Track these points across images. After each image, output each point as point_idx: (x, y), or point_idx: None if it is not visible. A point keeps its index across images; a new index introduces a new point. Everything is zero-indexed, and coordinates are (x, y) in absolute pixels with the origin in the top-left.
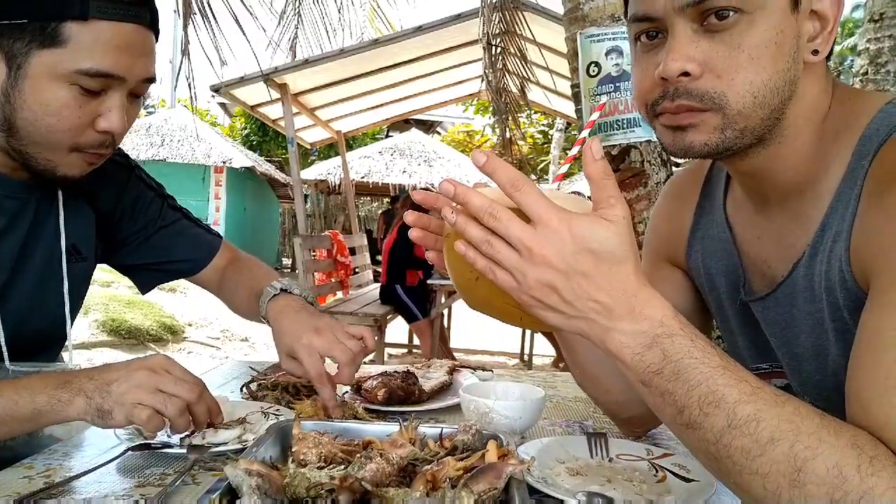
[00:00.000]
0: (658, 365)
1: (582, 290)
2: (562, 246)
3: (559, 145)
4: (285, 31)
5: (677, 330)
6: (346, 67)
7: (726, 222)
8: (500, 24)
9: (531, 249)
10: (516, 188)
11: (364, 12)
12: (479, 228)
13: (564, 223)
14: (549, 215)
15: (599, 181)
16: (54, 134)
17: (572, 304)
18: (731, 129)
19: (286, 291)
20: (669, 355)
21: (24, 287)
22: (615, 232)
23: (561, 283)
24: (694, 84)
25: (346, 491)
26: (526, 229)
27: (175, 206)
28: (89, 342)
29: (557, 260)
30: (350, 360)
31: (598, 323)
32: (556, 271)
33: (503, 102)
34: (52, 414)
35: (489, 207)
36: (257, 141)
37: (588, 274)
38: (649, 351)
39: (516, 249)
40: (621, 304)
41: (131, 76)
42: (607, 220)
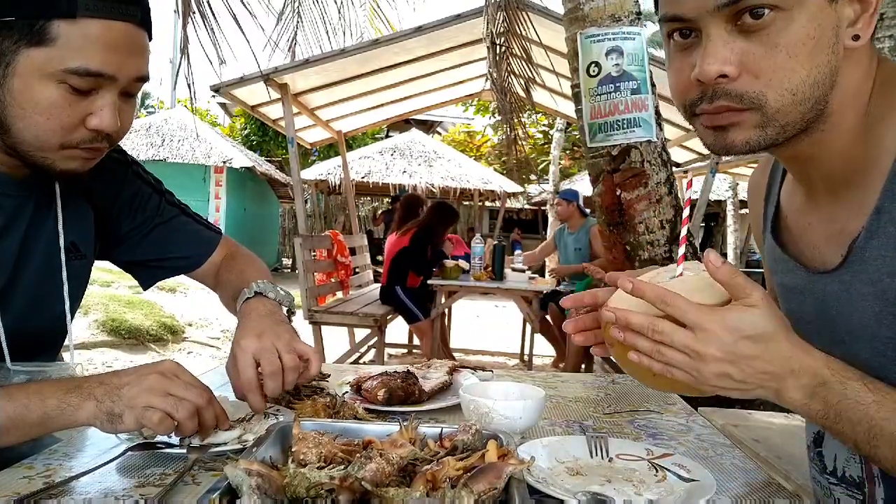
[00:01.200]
0: (824, 411)
1: (750, 370)
2: (723, 342)
3: (559, 145)
4: (284, 31)
5: (830, 378)
6: (346, 67)
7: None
8: (504, 23)
9: (699, 352)
10: (666, 304)
11: (364, 12)
12: (647, 340)
13: (718, 323)
14: (702, 319)
15: (731, 282)
16: (44, 132)
17: (745, 382)
18: (771, 126)
19: (260, 294)
20: (829, 401)
21: (24, 286)
22: (760, 315)
23: (732, 370)
24: (732, 85)
25: (346, 491)
26: (688, 336)
27: (174, 201)
28: (89, 342)
29: (723, 354)
30: (273, 371)
31: (770, 387)
32: (725, 363)
33: (507, 102)
34: (62, 418)
35: (650, 324)
36: (257, 141)
37: (752, 356)
38: (813, 401)
39: (685, 354)
40: (783, 368)
41: (122, 75)
42: (751, 305)
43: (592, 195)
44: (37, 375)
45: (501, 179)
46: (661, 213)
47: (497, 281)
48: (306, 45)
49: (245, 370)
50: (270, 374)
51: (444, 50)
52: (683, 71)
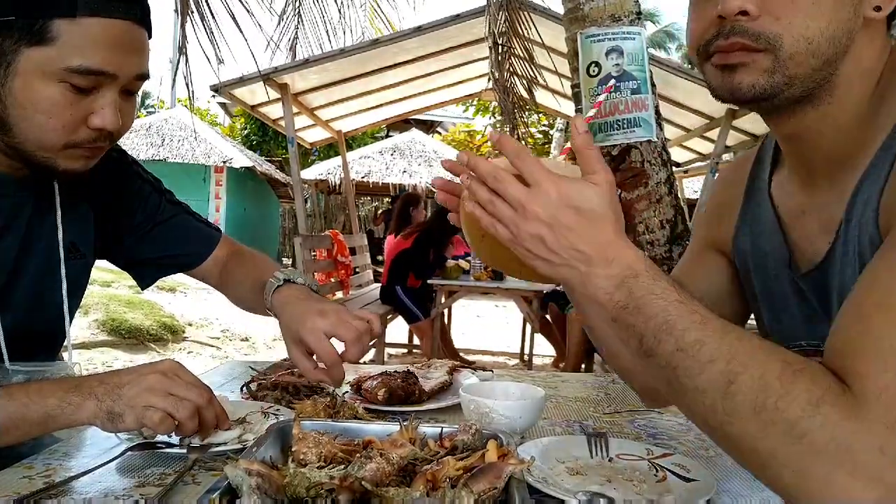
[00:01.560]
0: (624, 301)
1: (565, 241)
2: (549, 203)
3: (559, 145)
4: (285, 32)
5: (642, 271)
6: (346, 67)
7: (771, 202)
8: (506, 23)
9: (524, 206)
10: (518, 157)
11: (364, 12)
12: (486, 190)
13: (554, 184)
14: (541, 177)
15: (584, 151)
16: (46, 132)
17: (557, 253)
18: (780, 73)
19: (290, 281)
20: (633, 292)
21: (24, 286)
22: (597, 192)
23: (547, 235)
24: (751, 24)
25: (346, 491)
26: (521, 189)
27: (173, 200)
28: (89, 342)
29: (545, 214)
30: (355, 338)
31: (578, 269)
32: (543, 224)
33: (510, 102)
34: (63, 417)
35: (493, 171)
36: (257, 141)
37: (571, 227)
38: (618, 290)
39: (513, 207)
40: (598, 252)
41: (123, 73)
42: (592, 182)
43: None
44: (35, 375)
45: None
46: (661, 213)
47: (497, 281)
48: (306, 45)
49: (325, 347)
50: (353, 341)
51: (443, 50)
52: (705, 12)
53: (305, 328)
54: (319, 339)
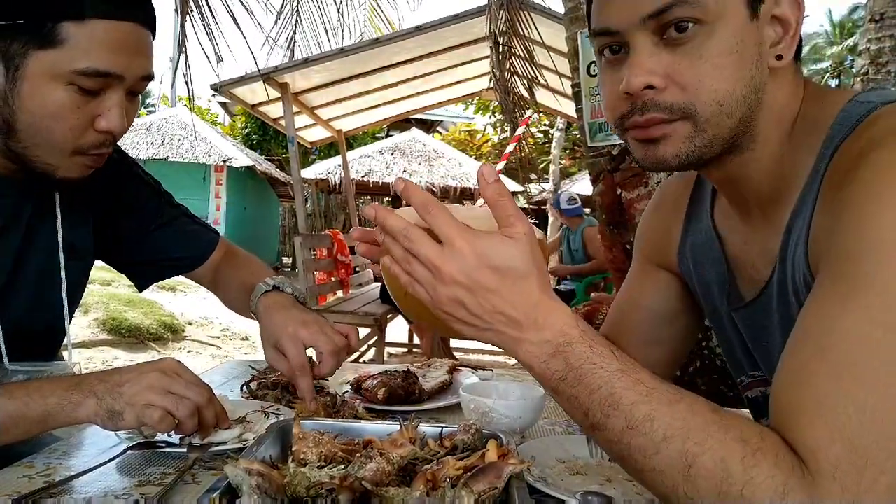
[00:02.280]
0: (562, 372)
1: (488, 304)
2: (465, 263)
3: (559, 145)
4: (283, 30)
5: (577, 338)
6: (346, 67)
7: (714, 230)
8: (506, 22)
9: (438, 268)
10: (427, 211)
11: (364, 11)
12: (400, 247)
13: (468, 242)
14: (453, 235)
15: (496, 203)
16: (54, 135)
17: (480, 318)
18: (700, 137)
19: (278, 289)
20: (571, 363)
21: (23, 287)
22: (516, 248)
23: (467, 299)
24: (661, 97)
25: (346, 490)
26: (434, 248)
27: (173, 203)
28: (89, 341)
29: (462, 277)
30: (333, 350)
31: (507, 334)
32: (461, 287)
33: (510, 102)
34: (63, 416)
35: (403, 229)
36: (258, 140)
37: (492, 289)
38: (553, 359)
39: (427, 268)
40: (526, 316)
41: (129, 75)
42: (509, 237)
43: (592, 195)
44: (35, 375)
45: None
46: None
47: None
48: (305, 44)
49: (299, 356)
50: (331, 353)
51: (443, 49)
52: (613, 86)
53: (286, 334)
54: (297, 347)
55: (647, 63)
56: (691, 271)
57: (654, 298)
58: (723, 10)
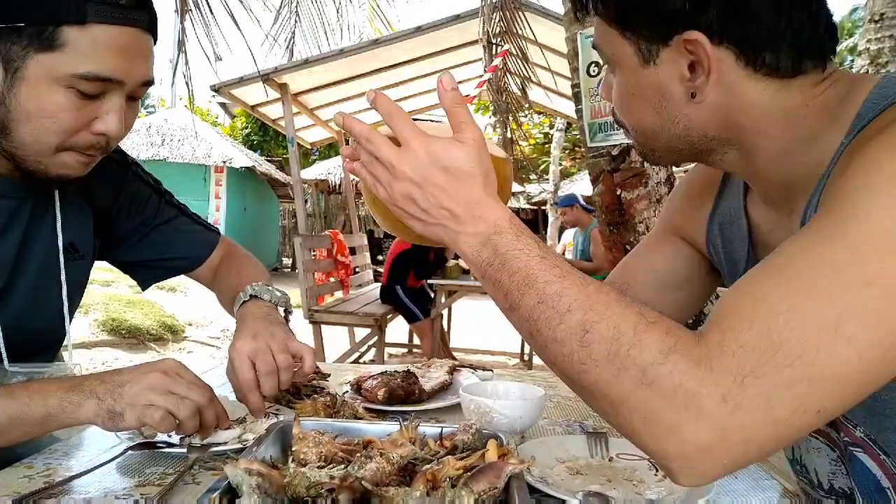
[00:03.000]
0: (490, 258)
1: (435, 200)
2: (418, 162)
3: (559, 145)
4: (282, 31)
5: (506, 228)
6: (346, 67)
7: (744, 210)
8: (501, 22)
9: (394, 166)
10: (390, 117)
11: (363, 12)
12: (366, 152)
13: (422, 144)
14: (410, 137)
15: (452, 108)
16: (46, 135)
17: (428, 212)
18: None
19: (256, 297)
20: (498, 249)
21: (23, 287)
22: (465, 151)
23: (417, 194)
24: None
25: (346, 490)
26: (392, 149)
27: (173, 202)
28: (89, 341)
29: (414, 174)
30: (269, 371)
31: (450, 228)
32: (412, 183)
33: (504, 102)
34: (63, 416)
35: (366, 133)
36: (258, 140)
37: (439, 186)
38: (484, 248)
39: (385, 167)
40: (467, 211)
41: (129, 80)
42: (459, 141)
43: (592, 195)
44: (35, 376)
45: None
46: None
47: None
48: (304, 44)
49: (242, 371)
50: (266, 374)
51: (443, 50)
52: None
53: (233, 348)
54: (242, 362)
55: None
56: (720, 249)
57: (664, 263)
58: (619, 58)
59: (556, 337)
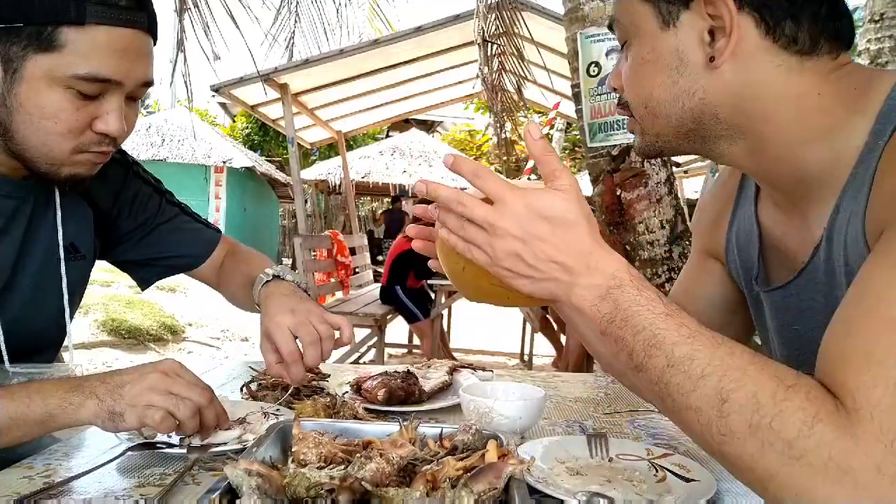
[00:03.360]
0: (611, 314)
1: (542, 254)
2: (518, 217)
3: (559, 145)
4: (282, 31)
5: (627, 281)
6: (345, 67)
7: (755, 216)
8: (497, 21)
9: (493, 224)
10: (477, 176)
11: (363, 12)
12: (455, 217)
13: (519, 197)
14: (504, 192)
15: (542, 157)
16: (52, 137)
17: (536, 268)
18: (648, 134)
19: (278, 278)
20: (619, 304)
21: (23, 287)
22: (563, 198)
23: (523, 251)
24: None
25: (346, 491)
26: (487, 208)
27: (173, 201)
28: (89, 342)
29: (516, 229)
30: (313, 341)
31: (561, 282)
32: (516, 239)
33: (499, 101)
34: (64, 417)
35: (455, 196)
36: (258, 141)
37: (545, 238)
38: (603, 302)
39: (483, 228)
40: (578, 262)
41: (129, 80)
42: (557, 189)
43: (592, 195)
44: (36, 377)
45: None
46: (661, 213)
47: None
48: (304, 45)
49: (287, 343)
50: (311, 343)
51: (443, 50)
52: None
53: (273, 322)
54: (284, 334)
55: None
56: (736, 258)
57: (711, 287)
58: (636, 27)
59: (691, 405)
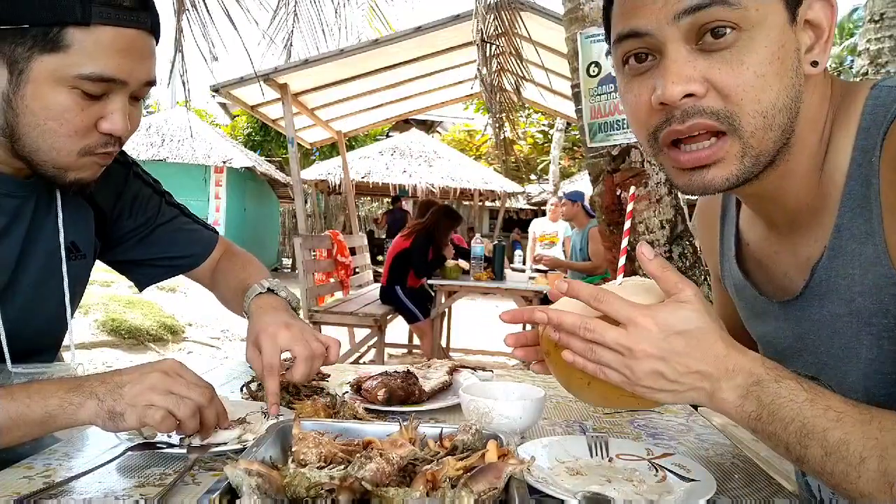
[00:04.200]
0: (757, 412)
1: (683, 367)
2: (654, 337)
3: (559, 145)
4: (280, 31)
5: (764, 375)
6: (345, 68)
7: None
8: (496, 21)
9: (630, 349)
10: (599, 301)
11: (362, 12)
12: (581, 340)
13: (650, 318)
14: (634, 315)
15: (662, 275)
16: (59, 139)
17: (678, 381)
18: (749, 155)
19: (272, 291)
20: (763, 401)
21: (25, 286)
22: (692, 309)
23: (664, 368)
24: (702, 103)
25: (346, 491)
26: (620, 333)
27: (173, 202)
28: (89, 342)
29: (655, 350)
30: (307, 356)
31: (704, 389)
32: (656, 359)
33: (497, 101)
34: (64, 417)
35: (583, 323)
36: (258, 141)
37: (682, 353)
38: (746, 401)
39: (618, 352)
40: (717, 367)
41: (133, 80)
42: (682, 301)
43: (592, 195)
44: (37, 377)
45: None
46: (661, 213)
47: (497, 281)
48: (303, 45)
49: (272, 355)
50: (305, 359)
51: (443, 50)
52: (642, 96)
53: (266, 332)
54: (273, 347)
55: (684, 69)
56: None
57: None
58: (763, 15)
59: (862, 491)
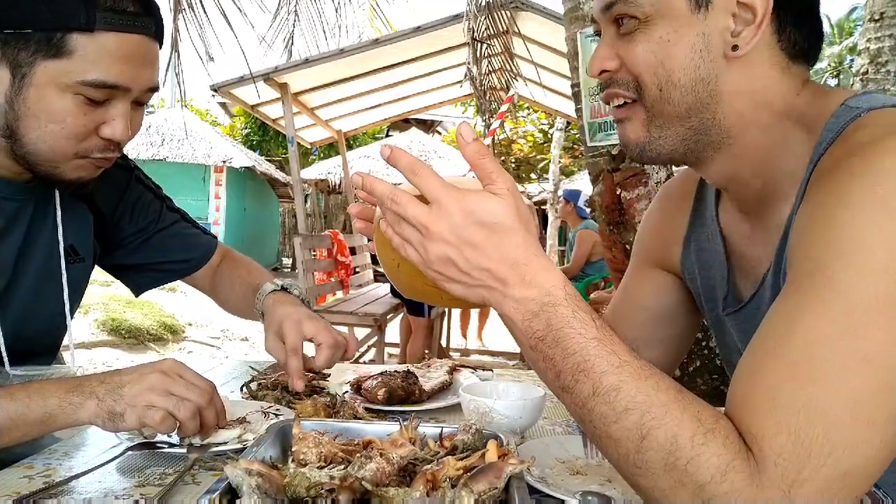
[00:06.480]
0: (542, 332)
1: (475, 261)
2: (452, 221)
3: (559, 144)
4: (281, 31)
5: (562, 300)
6: (345, 67)
7: (720, 232)
8: (487, 21)
9: (427, 227)
10: (414, 173)
11: (363, 12)
12: (390, 212)
13: (454, 200)
14: (440, 194)
15: (476, 161)
16: (58, 141)
17: (469, 274)
18: (654, 124)
19: (286, 290)
20: (552, 324)
21: (24, 289)
22: (500, 203)
23: (455, 255)
24: (617, 76)
25: (346, 491)
26: (422, 209)
27: (173, 207)
28: (89, 342)
29: (449, 234)
30: (332, 343)
31: (495, 290)
32: (449, 245)
33: (487, 101)
34: (63, 417)
35: (390, 193)
36: (258, 140)
37: (478, 245)
38: (536, 318)
39: (417, 229)
40: (512, 273)
41: (136, 86)
42: (493, 193)
43: (592, 195)
44: (36, 378)
45: None
46: None
47: None
48: (304, 44)
49: (295, 340)
50: (329, 346)
51: (443, 50)
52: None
53: (291, 320)
54: (297, 333)
55: (602, 51)
56: (696, 275)
57: (652, 299)
58: (660, 6)
59: (612, 435)
